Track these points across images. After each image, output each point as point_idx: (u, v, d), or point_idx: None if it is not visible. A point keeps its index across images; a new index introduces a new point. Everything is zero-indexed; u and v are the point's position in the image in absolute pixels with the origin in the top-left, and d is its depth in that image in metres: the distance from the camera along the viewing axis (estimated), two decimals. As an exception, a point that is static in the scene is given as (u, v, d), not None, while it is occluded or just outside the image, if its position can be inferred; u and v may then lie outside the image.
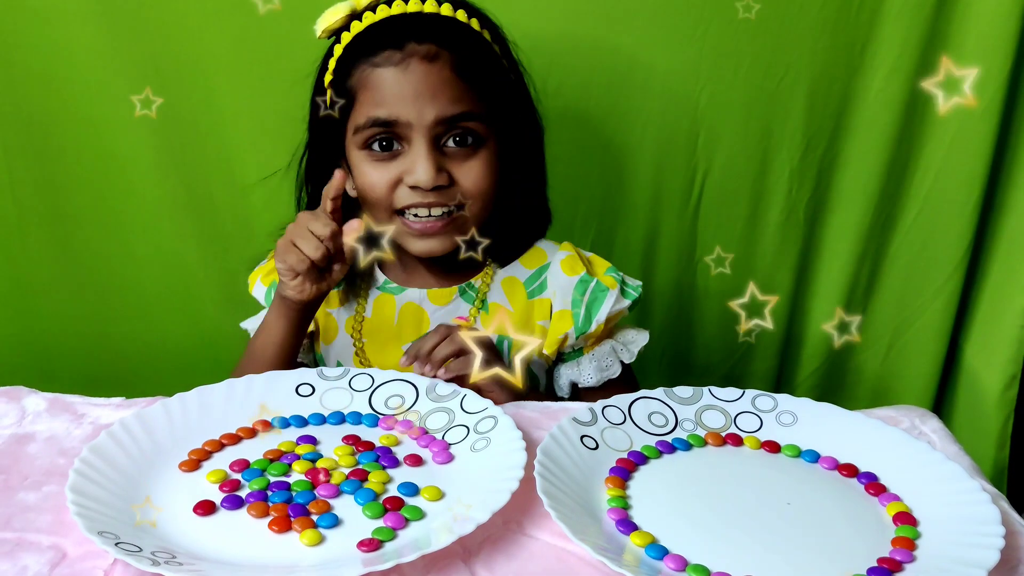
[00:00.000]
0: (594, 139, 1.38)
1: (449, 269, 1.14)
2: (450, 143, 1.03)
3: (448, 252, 1.07)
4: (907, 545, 0.72)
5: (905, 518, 0.76)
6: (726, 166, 1.39)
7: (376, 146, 1.04)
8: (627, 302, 1.13)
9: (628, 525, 0.74)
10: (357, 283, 1.16)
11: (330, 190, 1.03)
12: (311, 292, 1.04)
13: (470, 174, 1.04)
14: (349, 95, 1.05)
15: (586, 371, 1.13)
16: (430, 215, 1.04)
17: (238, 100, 1.39)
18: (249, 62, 1.36)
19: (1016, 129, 1.33)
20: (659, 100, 1.35)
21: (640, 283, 1.15)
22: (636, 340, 1.15)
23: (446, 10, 1.05)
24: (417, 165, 1.02)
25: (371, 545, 0.71)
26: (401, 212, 1.06)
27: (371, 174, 1.05)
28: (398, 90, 1.01)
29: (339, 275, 1.06)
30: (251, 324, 1.20)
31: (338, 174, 1.03)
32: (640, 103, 1.35)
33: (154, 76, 1.37)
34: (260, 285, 1.18)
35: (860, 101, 1.35)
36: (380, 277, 1.16)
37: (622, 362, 1.14)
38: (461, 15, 1.05)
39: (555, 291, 1.13)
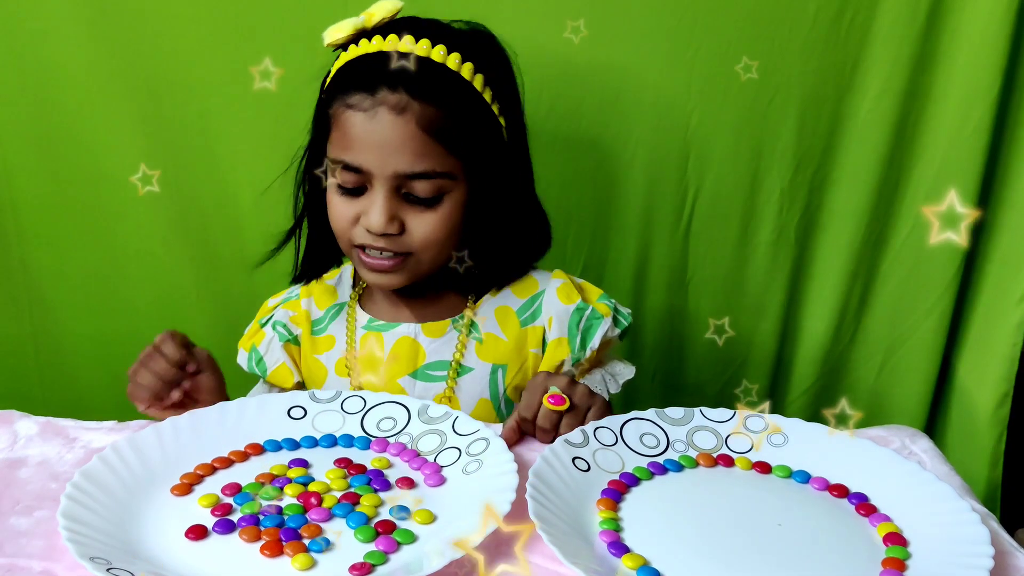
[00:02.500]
0: (585, 161, 1.38)
1: (438, 296, 1.14)
2: (412, 192, 1.03)
3: (403, 286, 1.08)
4: (897, 566, 0.72)
5: (895, 539, 0.76)
6: (717, 186, 1.39)
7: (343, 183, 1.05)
8: (619, 330, 1.13)
9: (620, 547, 0.75)
10: (343, 325, 1.17)
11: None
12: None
13: (422, 226, 1.04)
14: (327, 123, 1.05)
15: None
16: (381, 255, 1.05)
17: (231, 122, 1.39)
18: (243, 84, 1.36)
19: (1006, 147, 1.33)
20: (649, 121, 1.35)
21: (630, 311, 1.15)
22: (624, 373, 1.15)
23: (437, 54, 1.02)
24: (372, 209, 1.02)
25: (363, 569, 0.71)
26: (357, 247, 1.07)
27: (336, 206, 1.06)
28: (364, 138, 1.01)
29: (208, 384, 1.09)
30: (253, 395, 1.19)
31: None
32: (630, 124, 1.36)
33: (149, 98, 1.37)
34: (242, 352, 1.19)
35: (850, 121, 1.36)
36: (364, 316, 1.16)
37: (608, 391, 1.14)
38: (453, 61, 1.02)
39: (550, 318, 1.13)
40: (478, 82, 1.04)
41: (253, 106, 1.37)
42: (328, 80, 1.07)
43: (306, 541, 0.75)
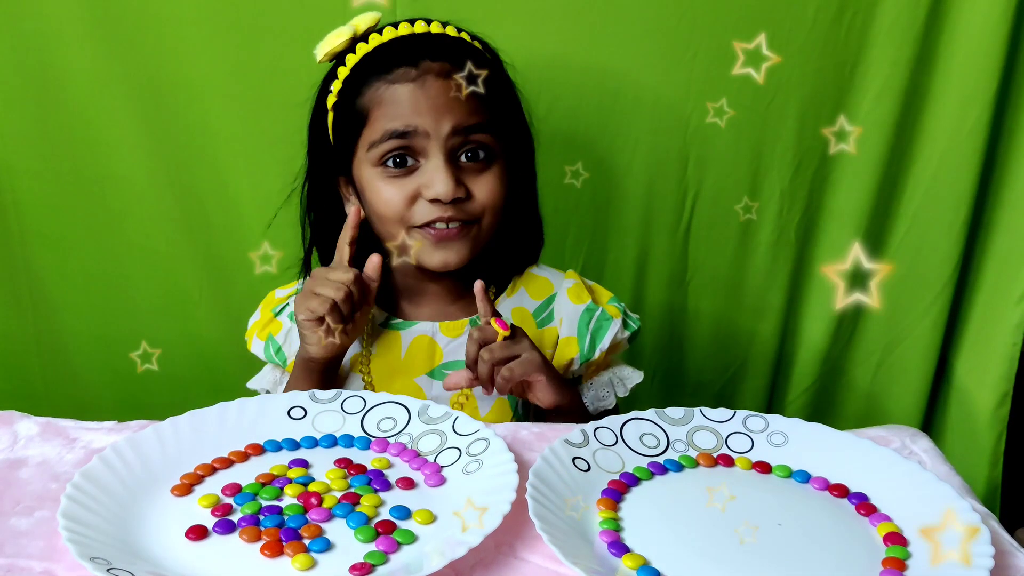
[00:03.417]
0: (584, 161, 1.38)
1: (458, 295, 1.14)
2: (464, 158, 1.04)
3: (463, 265, 1.07)
4: (898, 566, 0.72)
5: (896, 538, 0.76)
6: (717, 186, 1.39)
7: (391, 162, 1.04)
8: (627, 333, 1.13)
9: (620, 547, 0.74)
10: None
11: (346, 236, 1.05)
12: (336, 345, 1.04)
13: (485, 187, 1.05)
14: (360, 114, 1.05)
15: (584, 399, 1.13)
16: (448, 228, 1.05)
17: (233, 122, 1.39)
18: (245, 85, 1.37)
19: (1003, 147, 1.34)
20: (649, 122, 1.36)
21: (639, 316, 1.16)
22: (631, 377, 1.16)
23: (451, 32, 1.06)
24: (436, 178, 1.02)
25: (363, 569, 0.71)
26: (418, 227, 1.06)
27: (386, 191, 1.04)
28: (415, 104, 1.01)
29: (363, 322, 1.07)
30: (257, 384, 1.19)
31: (353, 214, 1.05)
32: (630, 125, 1.36)
33: (151, 99, 1.38)
34: (257, 341, 1.16)
35: (850, 121, 1.36)
36: (381, 314, 1.16)
37: (615, 394, 1.14)
38: (465, 37, 1.06)
39: (561, 319, 1.13)
40: (488, 57, 1.07)
41: (255, 105, 1.37)
42: (337, 84, 1.07)
43: (306, 541, 0.75)
